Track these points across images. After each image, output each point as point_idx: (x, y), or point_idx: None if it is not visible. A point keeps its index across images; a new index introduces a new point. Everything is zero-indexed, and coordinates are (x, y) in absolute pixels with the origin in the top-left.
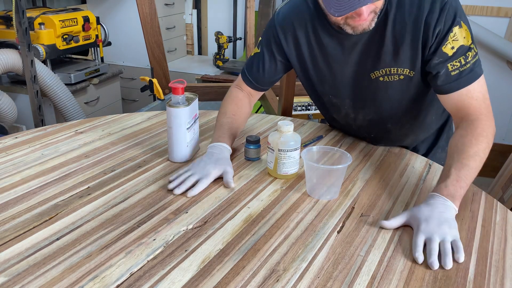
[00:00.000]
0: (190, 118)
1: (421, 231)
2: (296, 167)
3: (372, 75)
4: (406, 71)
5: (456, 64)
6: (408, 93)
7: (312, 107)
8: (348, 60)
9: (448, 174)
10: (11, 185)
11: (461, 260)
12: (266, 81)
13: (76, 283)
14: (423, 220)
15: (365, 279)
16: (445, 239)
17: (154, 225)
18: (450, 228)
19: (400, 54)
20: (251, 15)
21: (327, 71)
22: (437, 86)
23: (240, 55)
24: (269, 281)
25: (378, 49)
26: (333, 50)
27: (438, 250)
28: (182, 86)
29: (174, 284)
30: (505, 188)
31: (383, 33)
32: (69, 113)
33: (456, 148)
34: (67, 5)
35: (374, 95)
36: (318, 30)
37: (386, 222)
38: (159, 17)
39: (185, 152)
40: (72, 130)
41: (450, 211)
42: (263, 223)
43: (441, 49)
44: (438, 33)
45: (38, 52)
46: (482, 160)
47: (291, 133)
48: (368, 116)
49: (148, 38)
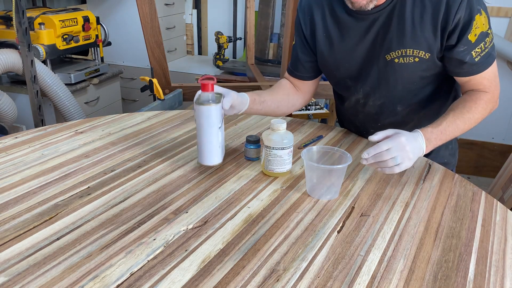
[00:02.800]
0: (221, 116)
1: (391, 143)
2: (285, 167)
3: (387, 56)
4: (422, 53)
5: (478, 50)
6: (421, 75)
7: (312, 107)
8: (364, 40)
9: (440, 123)
10: (11, 185)
11: (386, 172)
12: (305, 68)
13: (76, 283)
14: (399, 141)
15: (365, 279)
16: (396, 158)
17: (154, 225)
18: (409, 160)
19: (418, 36)
20: (251, 15)
21: (343, 52)
22: (459, 71)
23: (240, 55)
24: (269, 281)
25: (395, 30)
26: (349, 29)
27: (379, 155)
28: (213, 82)
29: (174, 284)
30: (505, 188)
31: (401, 14)
32: (69, 113)
33: (456, 108)
34: (67, 5)
35: (387, 76)
36: (336, 11)
37: (372, 136)
38: (159, 17)
39: (218, 153)
40: (72, 130)
41: (419, 151)
42: (263, 223)
43: (467, 37)
44: (459, 20)
45: (38, 52)
46: (470, 126)
47: (283, 132)
48: (378, 100)
49: (148, 38)
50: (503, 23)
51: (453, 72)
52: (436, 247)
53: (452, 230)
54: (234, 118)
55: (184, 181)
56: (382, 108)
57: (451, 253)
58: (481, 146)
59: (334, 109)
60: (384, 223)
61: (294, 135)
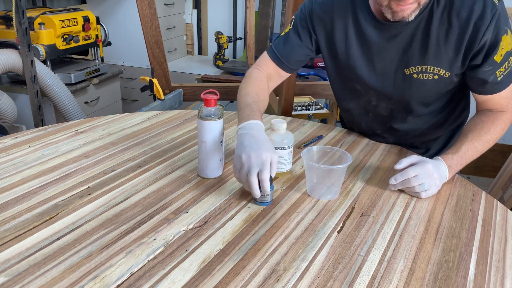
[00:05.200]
0: (223, 130)
1: (419, 169)
2: (285, 167)
3: (406, 70)
4: (442, 71)
5: (502, 70)
6: (438, 92)
7: (312, 107)
8: (385, 51)
9: (458, 148)
10: (11, 185)
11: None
12: (293, 59)
13: (76, 283)
14: (426, 169)
15: (365, 279)
16: (424, 185)
17: (154, 225)
18: (436, 187)
19: (441, 54)
20: (251, 15)
21: (360, 60)
22: (481, 90)
23: (240, 55)
24: (269, 280)
25: (418, 45)
26: (372, 38)
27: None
28: (216, 97)
29: (175, 284)
30: (505, 188)
31: (426, 30)
32: (69, 113)
33: (474, 129)
34: (67, 5)
35: (404, 90)
36: (359, 18)
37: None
38: (159, 17)
39: (218, 167)
40: (72, 130)
41: (442, 179)
42: (263, 223)
43: (493, 58)
44: (486, 41)
45: (38, 52)
46: (489, 147)
47: (283, 132)
48: (390, 105)
49: (148, 38)
50: None
51: (474, 90)
52: (436, 247)
53: (452, 230)
54: (234, 118)
55: (184, 181)
56: (393, 113)
57: (451, 253)
58: None
59: (334, 109)
60: (384, 223)
61: (294, 135)
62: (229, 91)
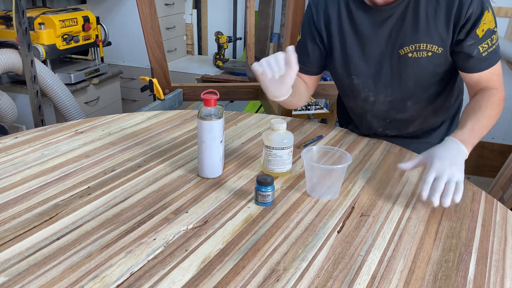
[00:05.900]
0: (223, 130)
1: (434, 169)
2: (285, 167)
3: (401, 51)
4: (435, 47)
5: (485, 46)
6: (433, 71)
7: (312, 107)
8: (378, 36)
9: (464, 125)
10: (11, 185)
11: (457, 201)
12: (313, 63)
13: (76, 283)
14: (437, 158)
15: (365, 279)
16: (451, 180)
17: (154, 225)
18: (458, 171)
19: (432, 31)
20: (251, 15)
21: (355, 48)
22: (467, 66)
23: (240, 55)
24: (269, 280)
25: (409, 25)
26: (363, 24)
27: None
28: (215, 97)
29: (175, 284)
30: (505, 188)
31: (416, 10)
32: (69, 113)
33: (473, 108)
34: (67, 5)
35: (400, 72)
36: (350, 5)
37: (403, 164)
38: (159, 17)
39: (218, 166)
40: (72, 130)
41: (461, 155)
42: (263, 223)
43: (475, 32)
44: (470, 15)
45: (38, 52)
46: (492, 123)
47: (283, 132)
48: (389, 97)
49: (148, 38)
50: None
51: (462, 67)
52: (436, 247)
53: (452, 230)
54: (234, 118)
55: (184, 181)
56: (392, 104)
57: (451, 253)
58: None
59: (334, 109)
60: (384, 223)
61: (294, 135)
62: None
